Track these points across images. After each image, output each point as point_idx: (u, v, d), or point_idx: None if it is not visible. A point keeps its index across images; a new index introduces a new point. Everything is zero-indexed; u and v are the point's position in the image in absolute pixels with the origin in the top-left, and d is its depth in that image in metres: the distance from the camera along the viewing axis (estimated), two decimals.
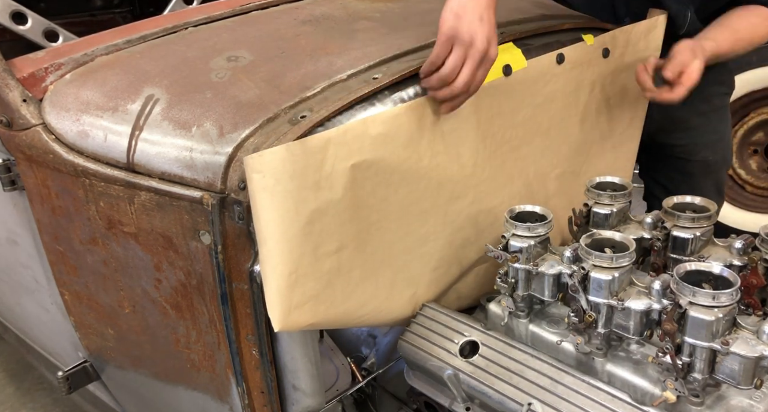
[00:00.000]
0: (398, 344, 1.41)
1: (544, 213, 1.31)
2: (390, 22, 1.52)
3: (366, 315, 1.32)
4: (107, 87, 1.36)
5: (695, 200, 1.35)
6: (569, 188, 1.69)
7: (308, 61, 1.34)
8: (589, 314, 1.16)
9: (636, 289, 1.15)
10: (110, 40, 1.49)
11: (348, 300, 1.24)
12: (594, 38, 1.58)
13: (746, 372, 1.02)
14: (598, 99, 1.66)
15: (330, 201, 1.13)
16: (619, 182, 1.42)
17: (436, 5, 1.62)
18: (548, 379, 1.21)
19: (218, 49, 1.41)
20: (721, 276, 1.08)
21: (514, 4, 1.70)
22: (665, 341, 1.06)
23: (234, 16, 1.62)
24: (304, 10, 1.61)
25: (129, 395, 1.78)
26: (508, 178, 1.52)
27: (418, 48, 1.38)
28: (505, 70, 1.39)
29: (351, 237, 1.20)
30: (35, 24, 1.67)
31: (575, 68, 1.54)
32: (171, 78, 1.34)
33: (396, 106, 1.23)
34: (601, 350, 1.20)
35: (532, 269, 1.26)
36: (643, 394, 1.15)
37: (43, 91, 1.39)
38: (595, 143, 1.74)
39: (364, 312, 1.31)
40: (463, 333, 1.35)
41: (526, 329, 1.32)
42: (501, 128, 1.44)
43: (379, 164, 1.20)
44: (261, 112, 1.19)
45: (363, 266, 1.25)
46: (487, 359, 1.29)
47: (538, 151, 1.58)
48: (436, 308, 1.43)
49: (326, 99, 1.22)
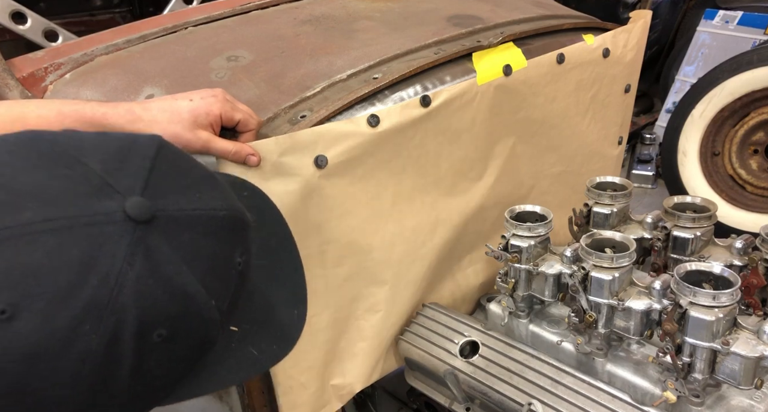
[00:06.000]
0: (398, 344, 1.41)
1: (544, 213, 1.31)
2: (390, 22, 1.52)
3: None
4: (107, 87, 1.36)
5: (695, 200, 1.35)
6: (567, 187, 1.69)
7: (308, 61, 1.34)
8: (590, 314, 1.16)
9: (636, 289, 1.15)
10: (110, 40, 1.49)
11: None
12: (594, 38, 1.58)
13: (747, 372, 1.02)
14: (598, 99, 1.66)
15: (317, 195, 1.14)
16: (620, 182, 1.42)
17: (436, 5, 1.63)
18: (548, 379, 1.21)
19: (218, 49, 1.41)
20: (722, 276, 1.07)
21: (514, 4, 1.70)
22: (665, 341, 1.06)
23: (234, 15, 1.61)
24: (304, 10, 1.61)
25: None
26: (504, 176, 1.52)
27: (418, 48, 1.38)
28: (505, 70, 1.39)
29: (337, 234, 1.21)
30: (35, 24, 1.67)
31: (575, 68, 1.54)
32: (171, 78, 1.33)
33: (392, 105, 1.23)
34: (601, 350, 1.20)
35: (533, 269, 1.26)
36: (643, 394, 1.15)
37: (43, 90, 1.39)
38: (594, 143, 1.74)
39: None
40: (463, 333, 1.35)
41: (527, 329, 1.32)
42: (500, 127, 1.44)
43: (370, 160, 1.21)
44: (261, 112, 1.19)
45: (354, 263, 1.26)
46: (487, 359, 1.29)
47: (536, 151, 1.58)
48: (436, 308, 1.43)
49: (326, 99, 1.22)
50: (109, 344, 0.55)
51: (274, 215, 0.84)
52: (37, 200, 0.55)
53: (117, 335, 0.55)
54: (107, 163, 0.60)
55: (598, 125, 1.71)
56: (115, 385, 0.58)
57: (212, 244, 0.63)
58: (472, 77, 1.35)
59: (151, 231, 0.57)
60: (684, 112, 3.08)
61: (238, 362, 0.70)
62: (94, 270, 0.55)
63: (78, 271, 0.54)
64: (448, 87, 1.31)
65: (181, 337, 0.60)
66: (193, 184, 0.65)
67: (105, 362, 0.56)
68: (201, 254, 0.61)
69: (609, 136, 1.78)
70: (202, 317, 0.61)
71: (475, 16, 1.55)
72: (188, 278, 0.59)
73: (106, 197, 0.57)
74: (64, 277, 0.54)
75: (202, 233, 0.62)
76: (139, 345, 0.57)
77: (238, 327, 0.69)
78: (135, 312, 0.56)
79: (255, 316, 0.72)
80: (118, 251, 0.55)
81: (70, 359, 0.54)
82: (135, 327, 0.56)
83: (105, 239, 0.55)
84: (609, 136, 1.78)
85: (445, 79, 1.34)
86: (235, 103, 1.04)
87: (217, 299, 0.62)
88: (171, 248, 0.58)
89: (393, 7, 1.62)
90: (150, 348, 0.58)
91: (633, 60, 1.70)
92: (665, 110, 3.76)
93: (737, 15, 3.59)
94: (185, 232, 0.60)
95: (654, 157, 3.71)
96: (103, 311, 0.54)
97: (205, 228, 0.62)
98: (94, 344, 0.55)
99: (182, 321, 0.59)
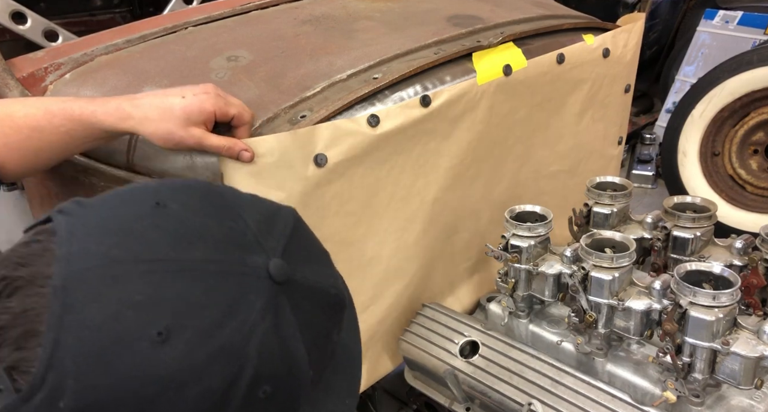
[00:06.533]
0: (398, 344, 1.41)
1: (544, 213, 1.31)
2: (390, 22, 1.52)
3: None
4: (107, 87, 1.35)
5: (695, 200, 1.35)
6: (566, 187, 1.70)
7: (308, 61, 1.34)
8: (590, 314, 1.16)
9: (636, 289, 1.15)
10: (110, 40, 1.49)
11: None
12: (594, 38, 1.58)
13: (747, 372, 1.02)
14: (598, 99, 1.66)
15: (316, 193, 1.14)
16: (620, 182, 1.42)
17: (436, 5, 1.63)
18: (548, 379, 1.21)
19: (218, 49, 1.41)
20: (722, 276, 1.07)
21: (514, 4, 1.70)
22: (665, 341, 1.06)
23: (234, 15, 1.61)
24: (304, 10, 1.61)
25: None
26: (504, 176, 1.52)
27: (418, 48, 1.38)
28: (505, 70, 1.39)
29: (333, 232, 1.21)
30: (35, 24, 1.66)
31: (575, 68, 1.54)
32: (171, 78, 1.33)
33: (392, 105, 1.23)
34: (601, 350, 1.20)
35: (533, 269, 1.26)
36: (643, 394, 1.15)
37: (43, 90, 1.39)
38: (594, 143, 1.74)
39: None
40: (463, 333, 1.35)
41: (526, 329, 1.32)
42: (499, 127, 1.44)
43: (369, 159, 1.21)
44: (261, 112, 1.19)
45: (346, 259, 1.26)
46: (487, 359, 1.29)
47: (535, 150, 1.58)
48: (436, 308, 1.43)
49: (326, 99, 1.22)
50: (227, 388, 0.59)
51: None
52: (206, 242, 0.61)
53: (236, 380, 0.58)
54: (261, 223, 0.66)
55: (598, 125, 1.71)
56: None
57: (321, 317, 0.67)
58: (472, 77, 1.35)
59: (283, 293, 0.62)
60: (684, 112, 3.08)
61: None
62: (235, 315, 0.59)
63: (224, 312, 0.58)
64: (448, 87, 1.31)
65: (279, 396, 0.63)
66: (316, 258, 0.71)
67: (219, 403, 0.59)
68: (313, 323, 0.66)
69: (609, 136, 1.78)
70: (300, 382, 0.64)
71: (475, 16, 1.55)
72: (299, 343, 0.63)
73: (255, 254, 0.62)
74: (213, 315, 0.58)
75: (317, 305, 0.66)
76: (247, 397, 0.60)
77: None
78: (255, 363, 0.59)
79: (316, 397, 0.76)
80: (257, 302, 0.60)
81: (195, 393, 0.57)
82: (251, 377, 0.59)
83: (250, 290, 0.60)
84: (609, 136, 1.78)
85: (445, 79, 1.34)
86: (227, 98, 1.06)
87: (314, 369, 0.66)
88: (293, 312, 0.63)
89: (393, 7, 1.62)
90: (253, 402, 0.61)
91: (632, 60, 1.70)
92: (665, 110, 3.76)
93: (737, 15, 3.59)
94: (305, 300, 0.64)
95: (654, 157, 3.72)
96: (233, 355, 0.58)
97: (319, 301, 0.67)
98: (217, 383, 0.58)
99: (285, 382, 0.63)
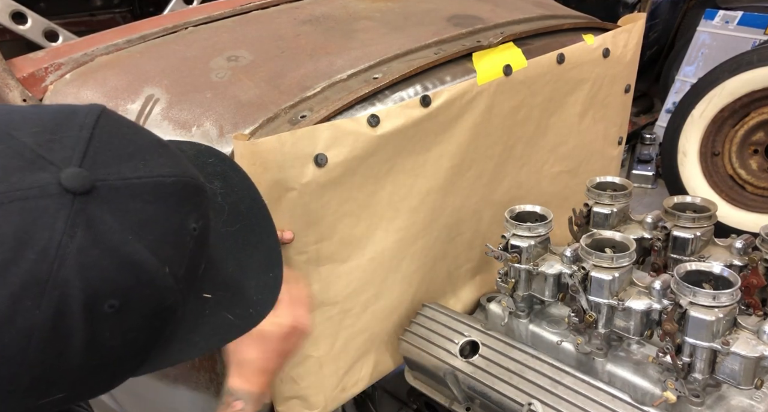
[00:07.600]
0: (398, 344, 1.41)
1: (544, 213, 1.31)
2: (390, 22, 1.52)
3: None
4: (107, 87, 1.36)
5: (695, 200, 1.35)
6: (566, 187, 1.70)
7: (308, 61, 1.34)
8: (590, 314, 1.16)
9: (636, 289, 1.15)
10: (110, 40, 1.49)
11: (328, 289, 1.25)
12: (594, 38, 1.58)
13: (747, 372, 1.02)
14: (598, 99, 1.66)
15: (316, 193, 1.14)
16: (620, 182, 1.42)
17: (436, 5, 1.63)
18: (548, 379, 1.21)
19: (218, 49, 1.41)
20: (722, 276, 1.07)
21: (514, 4, 1.70)
22: (665, 341, 1.06)
23: (234, 15, 1.61)
24: (304, 10, 1.61)
25: (129, 395, 1.78)
26: (504, 176, 1.52)
27: (418, 48, 1.38)
28: (505, 70, 1.39)
29: (333, 231, 1.21)
30: (35, 24, 1.66)
31: (575, 68, 1.54)
32: (171, 78, 1.33)
33: (392, 105, 1.23)
34: (601, 350, 1.20)
35: (533, 269, 1.26)
36: (643, 394, 1.15)
37: (43, 91, 1.39)
38: (594, 143, 1.74)
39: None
40: (463, 333, 1.35)
41: (526, 329, 1.32)
42: (499, 127, 1.44)
43: (370, 159, 1.21)
44: (261, 112, 1.19)
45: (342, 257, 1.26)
46: (487, 359, 1.29)
47: (536, 151, 1.58)
48: (436, 307, 1.43)
49: (326, 99, 1.22)
50: (55, 319, 0.55)
51: (242, 180, 0.81)
52: None
53: (62, 309, 0.55)
54: (39, 135, 0.58)
55: (598, 125, 1.71)
56: (69, 359, 0.57)
57: (161, 211, 0.61)
58: (473, 77, 1.35)
59: (92, 202, 0.56)
60: (684, 112, 3.08)
61: (214, 329, 0.70)
62: (29, 245, 0.54)
63: (12, 247, 0.53)
64: (449, 87, 1.31)
65: (134, 306, 0.59)
66: (137, 152, 0.63)
67: (53, 336, 0.55)
68: (149, 222, 0.60)
69: (609, 136, 1.78)
70: (155, 285, 0.60)
71: (475, 16, 1.55)
72: (135, 247, 0.58)
73: (39, 170, 0.56)
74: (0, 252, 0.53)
75: (149, 201, 0.60)
76: (89, 318, 0.56)
77: (212, 294, 0.69)
78: (80, 285, 0.55)
79: (227, 282, 0.72)
80: (56, 223, 0.54)
81: (12, 336, 0.54)
82: (82, 300, 0.55)
83: (40, 213, 0.54)
84: (609, 136, 1.78)
85: (446, 79, 1.34)
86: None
87: (170, 266, 0.61)
88: (115, 218, 0.57)
89: (393, 7, 1.62)
90: (102, 320, 0.57)
91: (632, 60, 1.70)
92: (665, 110, 3.77)
93: (737, 15, 3.59)
94: (129, 201, 0.59)
95: (654, 157, 3.72)
96: (44, 286, 0.54)
97: (151, 196, 0.61)
98: (38, 319, 0.54)
99: (134, 290, 0.58)
